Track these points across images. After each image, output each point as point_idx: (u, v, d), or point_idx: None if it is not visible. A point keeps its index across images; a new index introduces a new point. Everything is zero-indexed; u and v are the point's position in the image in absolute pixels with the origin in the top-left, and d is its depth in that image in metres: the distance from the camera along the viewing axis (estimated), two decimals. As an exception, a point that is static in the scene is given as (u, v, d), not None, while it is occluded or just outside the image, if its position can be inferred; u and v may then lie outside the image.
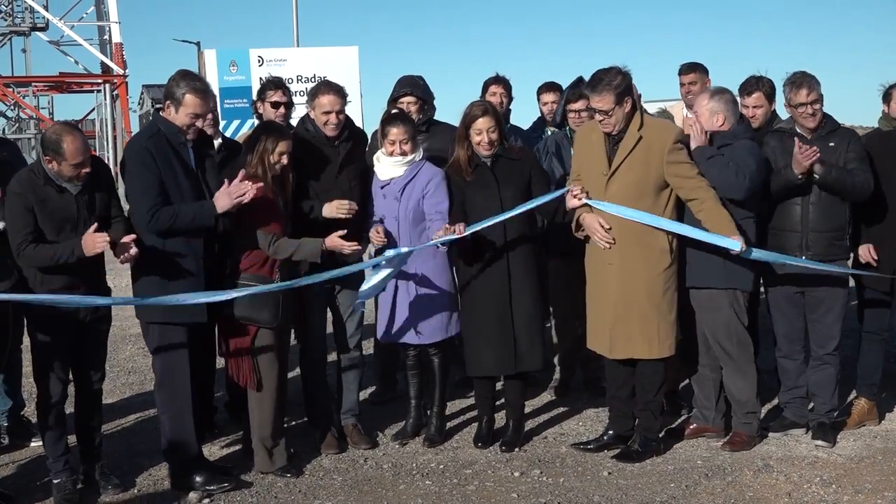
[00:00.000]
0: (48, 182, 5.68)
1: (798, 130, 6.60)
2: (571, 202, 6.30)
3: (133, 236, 5.61)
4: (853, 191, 6.48)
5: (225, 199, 5.82)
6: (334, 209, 6.33)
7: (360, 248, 6.35)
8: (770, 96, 7.39)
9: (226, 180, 5.93)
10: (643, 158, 6.23)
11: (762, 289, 7.01)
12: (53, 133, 5.69)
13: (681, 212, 6.43)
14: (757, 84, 7.36)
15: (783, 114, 7.06)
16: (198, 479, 6.06)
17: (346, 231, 6.19)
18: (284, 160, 6.18)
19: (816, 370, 6.80)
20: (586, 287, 6.63)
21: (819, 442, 6.63)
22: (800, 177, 6.36)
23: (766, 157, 6.53)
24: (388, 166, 6.63)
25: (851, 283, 7.03)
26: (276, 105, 7.22)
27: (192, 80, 6.05)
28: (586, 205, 6.27)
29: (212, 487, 6.05)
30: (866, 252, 6.76)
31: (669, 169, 6.22)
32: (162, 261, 5.90)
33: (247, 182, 5.85)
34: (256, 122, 7.42)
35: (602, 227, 6.19)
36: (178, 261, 5.91)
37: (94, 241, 5.50)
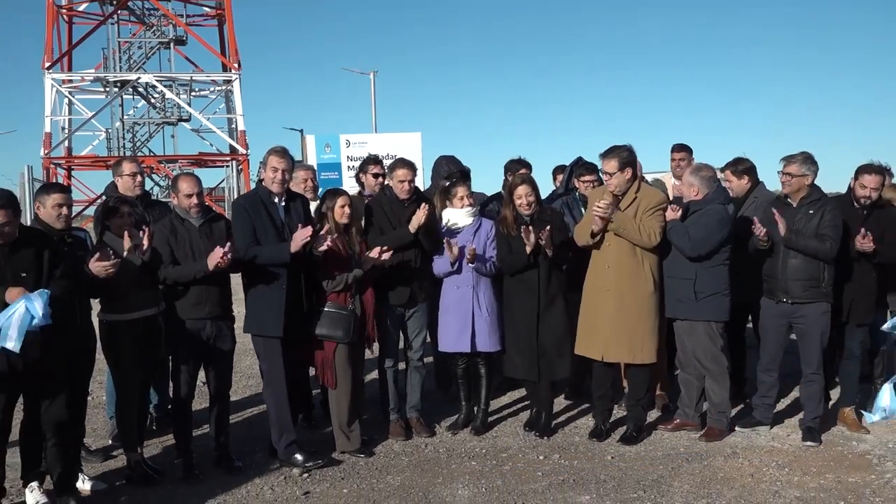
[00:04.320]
0: (177, 217, 5.99)
1: (789, 200, 6.56)
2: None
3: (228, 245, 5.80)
4: (816, 255, 6.34)
5: (294, 242, 5.95)
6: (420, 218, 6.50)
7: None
8: (742, 173, 7.35)
9: (299, 226, 6.06)
10: (634, 210, 6.42)
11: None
12: (175, 177, 6.19)
13: (662, 253, 6.56)
14: (732, 164, 7.41)
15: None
16: (299, 457, 6.14)
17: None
18: (346, 211, 6.31)
19: (805, 385, 6.67)
20: (582, 307, 6.68)
21: (809, 442, 6.47)
22: (763, 244, 6.45)
23: (726, 221, 6.51)
24: (461, 217, 6.74)
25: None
26: (375, 175, 7.30)
27: (274, 147, 6.26)
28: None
29: (309, 464, 6.12)
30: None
31: (644, 216, 6.36)
32: (256, 287, 6.10)
33: (308, 227, 5.97)
34: (359, 188, 7.53)
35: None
36: (267, 288, 6.06)
37: (214, 256, 5.71)
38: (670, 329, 6.91)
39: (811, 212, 6.41)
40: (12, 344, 4.66)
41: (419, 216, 6.50)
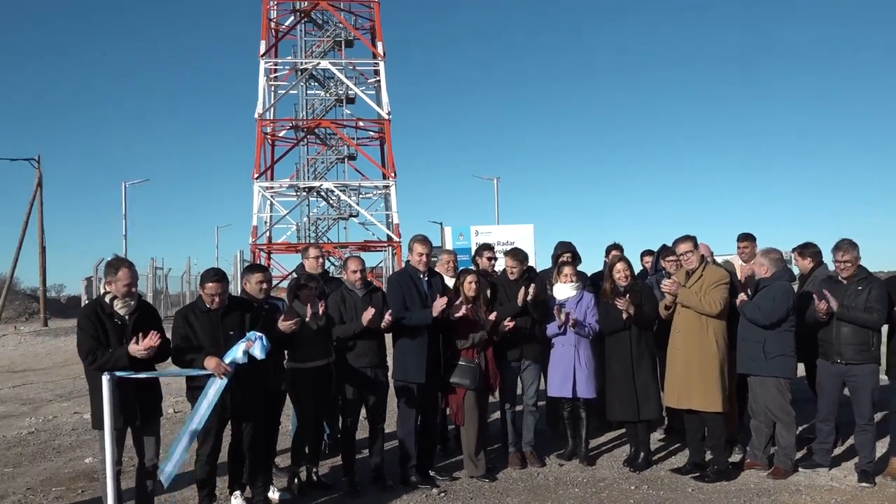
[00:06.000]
0: (346, 289, 6.11)
1: (840, 278, 6.21)
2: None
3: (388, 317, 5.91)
4: (866, 325, 5.98)
5: (434, 309, 5.99)
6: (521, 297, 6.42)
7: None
8: (807, 255, 7.15)
9: (438, 296, 6.11)
10: (700, 285, 6.28)
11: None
12: (346, 259, 6.39)
13: (733, 318, 6.29)
14: (800, 247, 7.25)
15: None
16: (414, 479, 6.13)
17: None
18: (473, 286, 6.32)
19: (859, 434, 6.19)
20: (666, 364, 6.46)
21: (864, 484, 5.94)
22: (823, 317, 6.09)
23: (789, 294, 6.18)
24: (566, 290, 6.67)
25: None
26: (490, 259, 7.34)
27: (417, 236, 6.34)
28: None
29: (440, 486, 6.09)
30: None
31: (708, 289, 6.21)
32: (404, 341, 6.13)
33: (444, 298, 6.02)
34: (475, 268, 7.54)
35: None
36: (412, 343, 6.09)
37: (367, 315, 5.77)
38: (740, 383, 6.55)
39: (860, 288, 6.05)
40: (258, 354, 5.05)
41: (522, 295, 6.42)
